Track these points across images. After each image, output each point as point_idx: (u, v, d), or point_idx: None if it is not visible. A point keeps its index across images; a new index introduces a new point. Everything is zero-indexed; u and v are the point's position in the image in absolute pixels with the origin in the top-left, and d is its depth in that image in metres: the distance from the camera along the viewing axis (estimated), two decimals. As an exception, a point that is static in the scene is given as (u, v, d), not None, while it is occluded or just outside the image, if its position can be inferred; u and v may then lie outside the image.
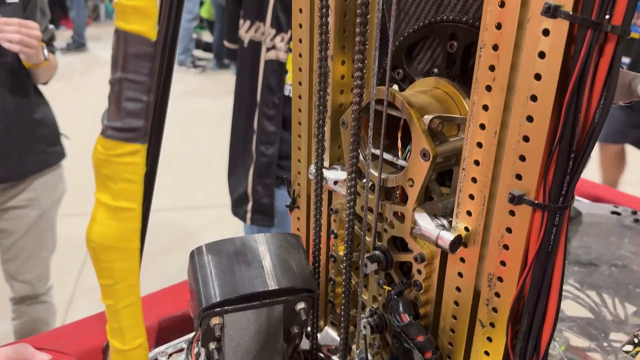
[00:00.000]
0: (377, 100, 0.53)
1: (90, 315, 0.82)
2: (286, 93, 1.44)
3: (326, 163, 0.63)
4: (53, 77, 1.60)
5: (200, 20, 6.44)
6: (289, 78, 1.45)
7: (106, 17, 7.83)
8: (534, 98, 0.41)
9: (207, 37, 6.47)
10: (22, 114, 1.49)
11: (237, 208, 1.55)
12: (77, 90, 4.92)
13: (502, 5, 0.42)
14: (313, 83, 0.63)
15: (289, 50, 1.42)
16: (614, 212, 0.96)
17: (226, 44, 1.63)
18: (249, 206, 1.50)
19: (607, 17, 0.37)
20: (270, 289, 0.55)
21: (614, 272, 0.85)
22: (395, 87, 0.62)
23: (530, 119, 0.42)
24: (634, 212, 0.95)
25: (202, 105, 4.66)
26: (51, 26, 1.57)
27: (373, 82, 0.52)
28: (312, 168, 0.63)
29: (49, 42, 1.54)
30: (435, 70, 0.59)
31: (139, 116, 0.29)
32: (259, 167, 1.48)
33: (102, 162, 0.30)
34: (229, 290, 0.55)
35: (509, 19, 0.42)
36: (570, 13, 0.38)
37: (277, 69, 1.45)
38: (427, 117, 0.51)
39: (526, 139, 0.43)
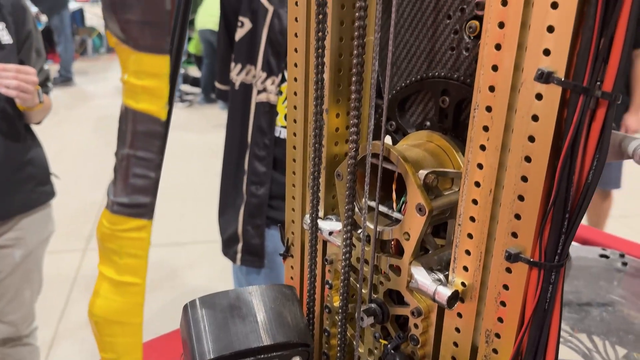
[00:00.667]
0: (372, 153, 0.54)
1: (72, 358, 0.79)
2: (277, 134, 1.46)
3: (321, 213, 0.63)
4: (46, 116, 1.60)
5: (188, 56, 6.51)
6: (279, 120, 1.46)
7: (93, 51, 7.88)
8: (528, 159, 0.42)
9: (194, 72, 6.53)
10: (12, 156, 1.48)
11: (227, 248, 1.54)
12: (63, 124, 4.91)
13: (495, 69, 0.43)
14: (308, 134, 0.64)
15: (280, 92, 1.44)
16: (602, 256, 0.97)
17: (217, 85, 1.65)
18: (239, 247, 1.49)
19: (598, 83, 0.39)
20: (265, 344, 0.55)
21: (604, 316, 0.86)
22: (389, 139, 0.63)
23: (524, 179, 0.43)
24: (622, 255, 0.96)
25: (189, 139, 4.67)
26: (46, 67, 1.58)
27: (369, 138, 0.52)
28: (307, 218, 0.63)
29: (44, 82, 1.54)
30: (428, 123, 0.60)
31: (147, 193, 0.29)
32: (250, 208, 1.48)
33: (107, 236, 0.29)
34: (223, 346, 0.54)
35: (502, 83, 0.43)
36: (563, 79, 0.39)
37: (268, 110, 1.46)
38: (422, 172, 0.52)
39: (521, 198, 0.43)
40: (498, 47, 0.43)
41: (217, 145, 1.59)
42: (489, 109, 0.44)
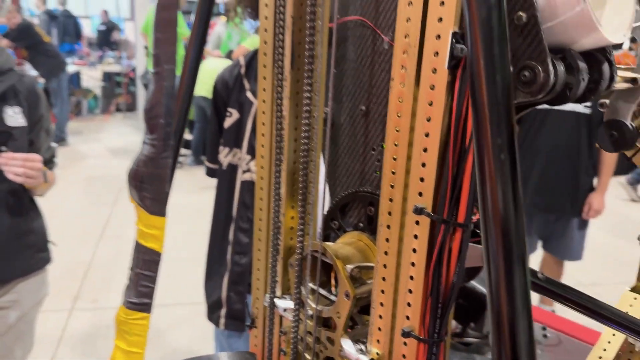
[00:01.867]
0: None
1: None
2: None
3: (278, 293, 0.81)
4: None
5: (180, 119, 6.75)
6: None
7: (88, 112, 8.14)
8: (413, 264, 0.60)
9: (186, 134, 6.78)
10: (16, 226, 1.64)
11: (212, 313, 1.68)
12: (56, 184, 5.07)
13: (391, 200, 0.62)
14: (269, 230, 0.82)
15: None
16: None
17: (207, 164, 1.84)
18: (223, 312, 1.64)
19: (453, 217, 0.58)
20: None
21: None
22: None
23: (412, 277, 0.61)
24: (544, 328, 1.13)
25: (178, 200, 4.81)
26: (54, 144, 1.77)
27: (310, 241, 0.71)
28: (267, 297, 0.80)
29: (50, 159, 1.73)
30: (361, 224, 0.78)
31: (149, 296, 0.46)
32: (233, 276, 1.64)
33: (122, 322, 0.47)
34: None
35: (395, 212, 0.62)
36: (431, 213, 0.58)
37: (252, 188, 1.65)
38: (349, 267, 0.70)
39: (410, 291, 0.61)
40: (392, 186, 0.62)
41: (204, 206, 1.75)
42: (387, 239, 0.63)
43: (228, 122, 1.71)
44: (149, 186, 0.47)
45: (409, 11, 0.57)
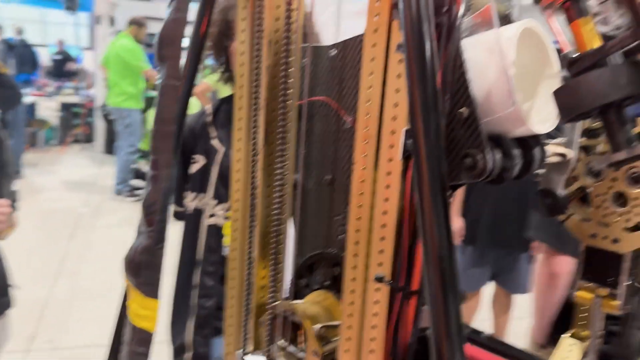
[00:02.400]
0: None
1: None
2: (224, 254, 1.68)
3: (250, 348, 0.87)
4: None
5: (141, 152, 6.73)
6: (225, 241, 1.69)
7: (44, 143, 7.98)
8: (374, 327, 0.68)
9: (145, 167, 6.74)
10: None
11: (177, 357, 1.70)
12: (10, 219, 4.93)
13: (354, 269, 0.70)
14: (242, 289, 0.88)
15: (227, 218, 1.68)
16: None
17: (174, 207, 1.89)
18: (188, 356, 1.66)
19: (409, 284, 0.66)
20: None
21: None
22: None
23: (373, 339, 0.68)
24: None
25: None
26: (16, 188, 1.77)
27: (281, 301, 0.78)
28: (240, 353, 0.86)
29: (14, 201, 1.73)
30: (327, 282, 0.86)
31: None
32: (199, 319, 1.67)
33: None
34: None
35: (359, 283, 0.70)
36: (389, 281, 0.66)
37: (217, 232, 1.70)
38: (317, 326, 0.77)
39: (372, 351, 0.69)
40: (356, 255, 0.70)
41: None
42: (352, 302, 0.70)
43: (194, 168, 1.76)
44: (145, 272, 0.53)
45: (368, 108, 0.66)
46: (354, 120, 0.80)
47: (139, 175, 6.44)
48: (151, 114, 5.67)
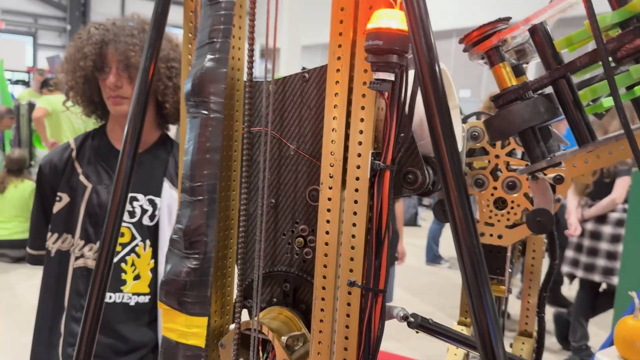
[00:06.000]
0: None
1: None
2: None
3: (206, 373, 0.88)
4: None
5: None
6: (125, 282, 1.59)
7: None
8: (346, 338, 0.77)
9: None
10: None
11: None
12: None
13: (325, 277, 0.78)
14: (191, 316, 0.89)
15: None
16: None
17: (30, 251, 1.71)
18: None
19: (377, 284, 0.76)
20: None
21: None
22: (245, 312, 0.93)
23: (345, 348, 0.77)
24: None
25: None
26: None
27: (253, 320, 0.82)
28: (197, 379, 0.87)
29: None
30: (275, 299, 0.92)
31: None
32: (70, 371, 1.54)
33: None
34: None
35: (329, 284, 0.78)
36: (360, 284, 0.76)
37: (86, 274, 1.59)
38: (284, 338, 0.83)
39: (346, 349, 0.77)
40: (325, 266, 0.78)
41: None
42: (322, 309, 0.79)
43: (57, 207, 1.64)
44: (193, 292, 0.53)
45: (333, 135, 0.76)
46: (297, 147, 0.89)
47: None
48: None
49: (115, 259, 1.55)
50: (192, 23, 0.83)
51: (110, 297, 1.58)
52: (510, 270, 1.05)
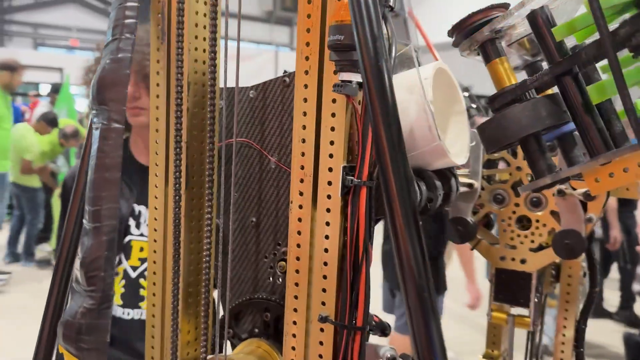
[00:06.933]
0: (218, 363, 0.74)
1: None
2: (112, 313, 1.55)
3: (177, 411, 0.80)
4: None
5: None
6: (116, 299, 1.56)
7: None
8: (320, 368, 0.66)
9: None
10: None
11: None
12: None
13: (295, 311, 0.68)
14: (164, 341, 0.81)
15: (116, 273, 1.56)
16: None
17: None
18: None
19: (353, 321, 0.65)
20: None
21: None
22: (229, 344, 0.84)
23: (320, 381, 0.67)
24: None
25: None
26: None
27: (216, 356, 0.73)
28: (166, 417, 0.78)
29: None
30: (257, 330, 0.82)
31: None
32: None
33: None
34: None
35: (299, 328, 0.68)
36: (333, 320, 0.65)
37: None
38: (255, 376, 0.73)
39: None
40: (296, 297, 0.68)
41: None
42: (293, 347, 0.68)
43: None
44: (89, 337, 0.46)
45: (302, 147, 0.66)
46: (279, 159, 0.79)
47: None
48: None
49: (134, 274, 1.51)
50: (160, 25, 0.76)
51: (128, 314, 1.54)
52: (536, 300, 0.90)
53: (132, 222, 1.55)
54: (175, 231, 0.75)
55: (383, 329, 0.72)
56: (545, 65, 0.72)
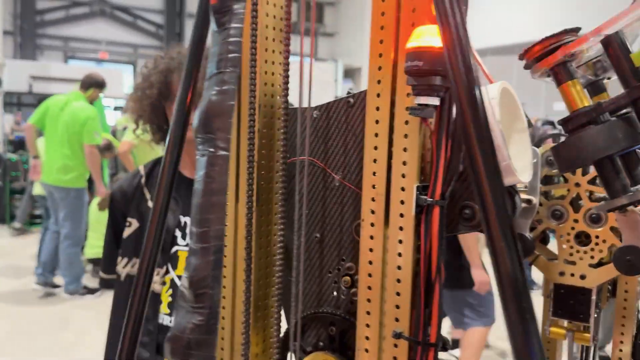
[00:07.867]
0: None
1: None
2: (160, 321, 1.59)
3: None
4: None
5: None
6: (163, 308, 1.61)
7: None
8: (394, 383, 0.68)
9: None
10: None
11: None
12: None
13: (368, 325, 0.70)
14: (234, 353, 0.84)
15: (164, 283, 1.60)
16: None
17: (102, 274, 1.76)
18: None
19: (427, 337, 0.67)
20: None
21: None
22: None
23: (393, 395, 0.68)
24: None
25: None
26: None
27: (287, 368, 0.75)
28: None
29: None
30: (322, 343, 0.84)
31: None
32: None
33: None
34: None
35: (372, 343, 0.70)
36: (407, 336, 0.67)
37: (152, 298, 1.60)
38: (325, 389, 0.75)
39: None
40: (368, 313, 0.70)
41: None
42: (366, 350, 0.70)
43: (127, 232, 1.67)
44: (197, 352, 0.49)
45: (374, 167, 0.69)
46: (343, 177, 0.82)
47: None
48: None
49: (180, 283, 1.55)
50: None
51: (164, 320, 1.58)
52: (595, 315, 0.91)
53: (178, 233, 1.59)
54: (247, 247, 0.78)
55: (444, 344, 0.74)
56: (605, 83, 0.74)
